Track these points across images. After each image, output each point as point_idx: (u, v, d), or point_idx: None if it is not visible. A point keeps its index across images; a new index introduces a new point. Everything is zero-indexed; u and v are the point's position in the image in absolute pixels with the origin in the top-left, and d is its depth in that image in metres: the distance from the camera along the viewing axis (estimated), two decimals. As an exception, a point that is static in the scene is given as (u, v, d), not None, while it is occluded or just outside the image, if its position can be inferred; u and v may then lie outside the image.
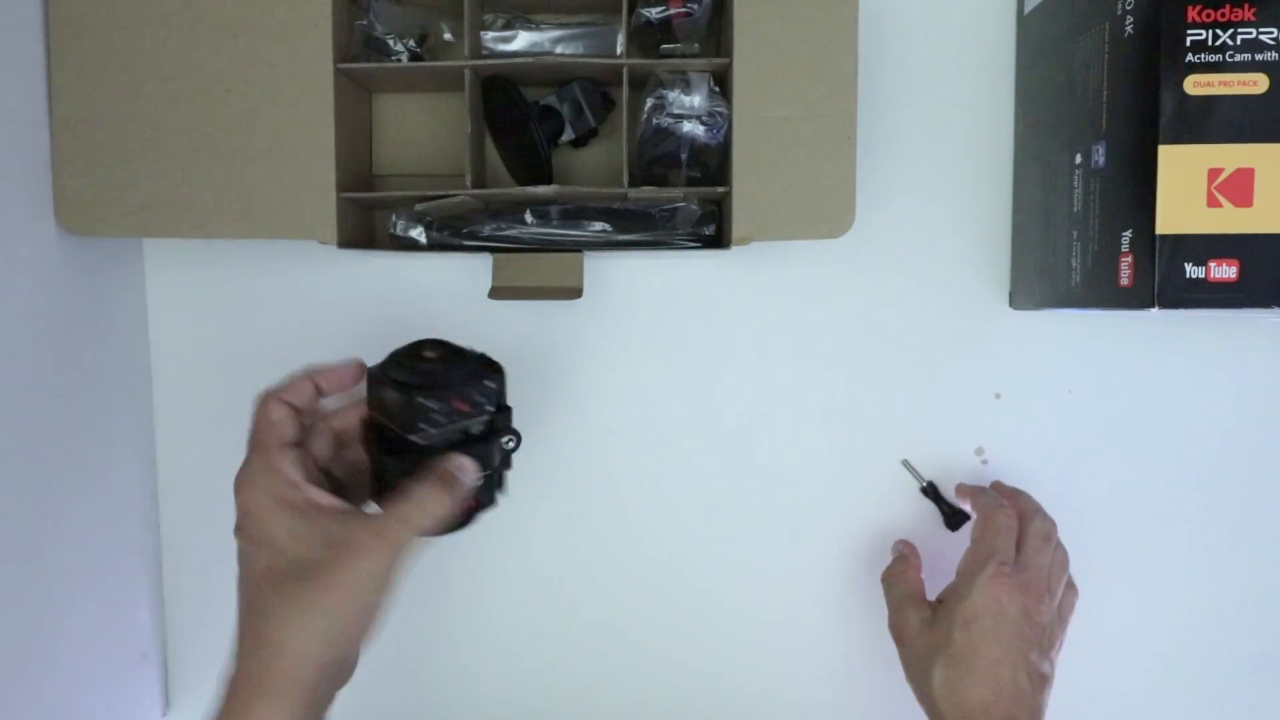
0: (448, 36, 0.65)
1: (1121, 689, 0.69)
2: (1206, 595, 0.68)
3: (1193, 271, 0.49)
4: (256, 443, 0.51)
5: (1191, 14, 0.49)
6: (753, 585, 0.69)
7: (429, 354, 0.54)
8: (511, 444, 0.55)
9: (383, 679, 0.67)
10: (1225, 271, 0.49)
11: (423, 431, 0.52)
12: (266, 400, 0.52)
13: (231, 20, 0.57)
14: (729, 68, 0.59)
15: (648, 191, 0.61)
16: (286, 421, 0.52)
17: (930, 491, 0.68)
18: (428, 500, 0.50)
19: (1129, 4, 0.51)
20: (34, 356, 0.56)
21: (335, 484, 0.54)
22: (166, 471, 0.69)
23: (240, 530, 0.50)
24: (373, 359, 0.68)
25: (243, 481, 0.50)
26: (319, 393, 0.54)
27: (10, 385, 0.54)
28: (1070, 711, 0.70)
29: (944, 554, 0.69)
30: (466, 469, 0.52)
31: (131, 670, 0.66)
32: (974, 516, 0.64)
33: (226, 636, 0.70)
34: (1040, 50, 0.62)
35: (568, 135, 0.65)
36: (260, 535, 0.49)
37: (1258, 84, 0.49)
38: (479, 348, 0.68)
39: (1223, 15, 0.49)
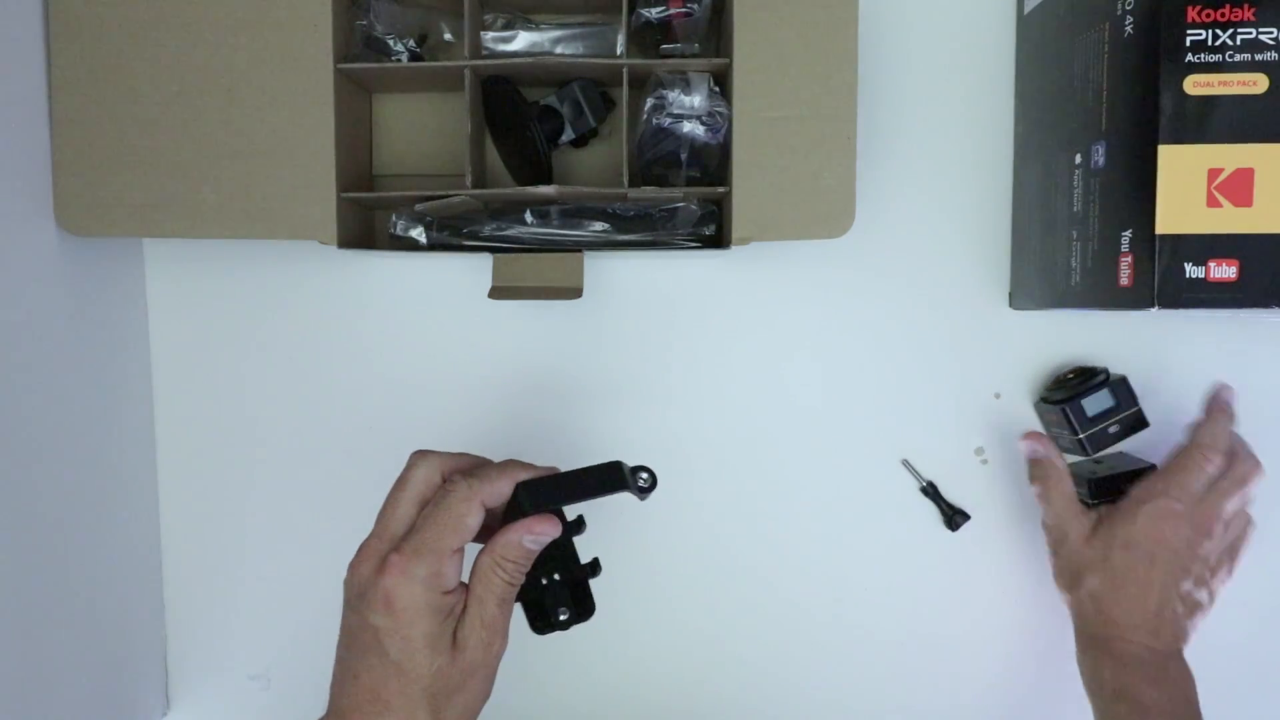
0: (448, 36, 0.65)
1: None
2: (1206, 595, 0.68)
3: (1192, 271, 0.49)
4: (435, 543, 0.48)
5: (1191, 14, 0.49)
6: (752, 584, 0.69)
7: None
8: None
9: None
10: (1225, 271, 0.49)
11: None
12: (470, 499, 0.49)
13: (231, 20, 0.57)
14: (729, 68, 0.59)
15: (648, 191, 0.61)
16: (475, 529, 0.49)
17: (930, 491, 0.68)
18: (490, 578, 0.50)
19: (1129, 4, 0.51)
20: (34, 356, 0.56)
21: None
22: (166, 471, 0.69)
23: (369, 610, 0.48)
24: (372, 358, 0.68)
25: (402, 576, 0.47)
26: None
27: (10, 385, 0.54)
28: (1071, 712, 0.70)
29: (944, 554, 0.69)
30: (534, 531, 0.50)
31: (132, 670, 0.66)
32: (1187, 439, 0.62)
33: (226, 636, 0.70)
34: (1040, 50, 0.62)
35: (568, 135, 0.65)
36: (403, 633, 0.47)
37: (1258, 84, 0.49)
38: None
39: (1223, 15, 0.49)
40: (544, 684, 0.70)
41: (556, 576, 0.53)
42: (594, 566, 0.54)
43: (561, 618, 0.53)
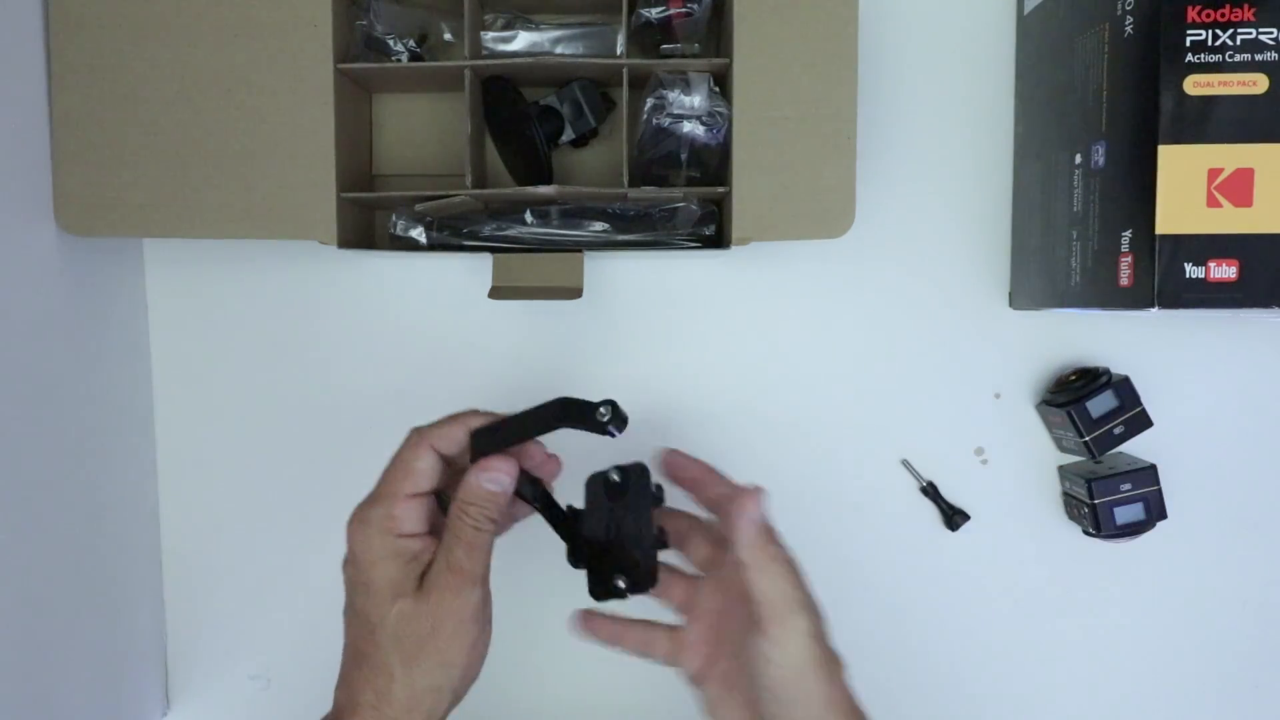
0: (448, 36, 0.65)
1: (1120, 691, 0.69)
2: (1207, 596, 0.68)
3: (1192, 271, 0.49)
4: (386, 489, 0.50)
5: (1191, 14, 0.49)
6: (753, 585, 0.69)
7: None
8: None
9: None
10: (1225, 271, 0.49)
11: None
12: (418, 444, 0.50)
13: (231, 20, 0.57)
14: (729, 68, 0.59)
15: (648, 191, 0.61)
16: (428, 473, 0.50)
17: (930, 491, 0.68)
18: (458, 531, 0.50)
19: (1129, 4, 0.51)
20: (34, 356, 0.56)
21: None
22: (166, 471, 0.69)
23: (344, 567, 0.50)
24: (372, 358, 0.68)
25: (358, 523, 0.49)
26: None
27: (10, 385, 0.54)
28: (1071, 713, 0.70)
29: (944, 554, 0.69)
30: (490, 470, 0.50)
31: (131, 670, 0.66)
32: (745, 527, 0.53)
33: (226, 636, 0.70)
34: (1040, 50, 0.62)
35: (568, 135, 0.65)
36: (363, 578, 0.49)
37: (1257, 84, 0.49)
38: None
39: (1223, 15, 0.49)
40: (540, 682, 0.70)
41: (625, 546, 0.53)
42: (661, 538, 0.54)
43: (620, 584, 0.53)
